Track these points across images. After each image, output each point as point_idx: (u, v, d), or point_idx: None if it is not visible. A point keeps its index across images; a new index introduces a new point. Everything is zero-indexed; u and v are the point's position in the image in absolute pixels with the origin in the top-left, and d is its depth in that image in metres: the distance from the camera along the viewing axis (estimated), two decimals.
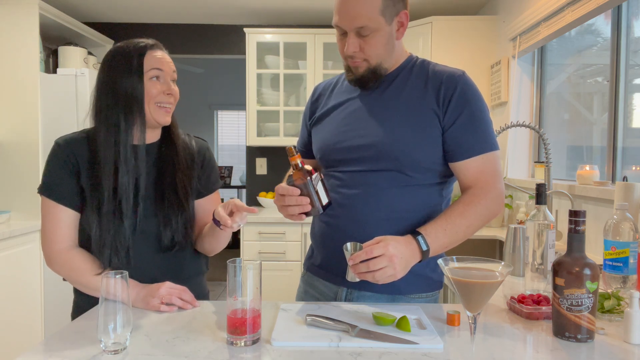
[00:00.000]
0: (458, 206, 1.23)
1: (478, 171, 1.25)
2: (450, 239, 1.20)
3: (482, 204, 1.23)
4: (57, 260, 1.28)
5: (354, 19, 1.21)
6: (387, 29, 1.25)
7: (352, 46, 1.24)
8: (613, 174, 2.19)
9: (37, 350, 0.95)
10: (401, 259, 1.11)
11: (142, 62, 1.28)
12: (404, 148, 1.24)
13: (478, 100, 1.26)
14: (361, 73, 1.29)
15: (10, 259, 2.70)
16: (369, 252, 1.09)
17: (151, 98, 1.29)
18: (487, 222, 1.25)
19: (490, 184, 1.25)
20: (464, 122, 1.24)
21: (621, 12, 2.15)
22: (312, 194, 1.16)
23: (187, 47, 4.23)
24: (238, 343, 0.96)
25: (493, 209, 1.25)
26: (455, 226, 1.20)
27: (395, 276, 1.11)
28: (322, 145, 1.37)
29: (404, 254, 1.12)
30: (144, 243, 1.30)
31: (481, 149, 1.24)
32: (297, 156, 1.17)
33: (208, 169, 1.46)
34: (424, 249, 1.16)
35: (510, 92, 3.09)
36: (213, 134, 7.74)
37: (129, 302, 0.96)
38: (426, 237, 1.16)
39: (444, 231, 1.19)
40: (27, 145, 3.01)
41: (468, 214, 1.21)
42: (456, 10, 3.79)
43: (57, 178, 1.29)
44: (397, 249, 1.10)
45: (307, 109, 1.50)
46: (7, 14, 2.99)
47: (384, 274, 1.09)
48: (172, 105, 1.35)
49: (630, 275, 1.34)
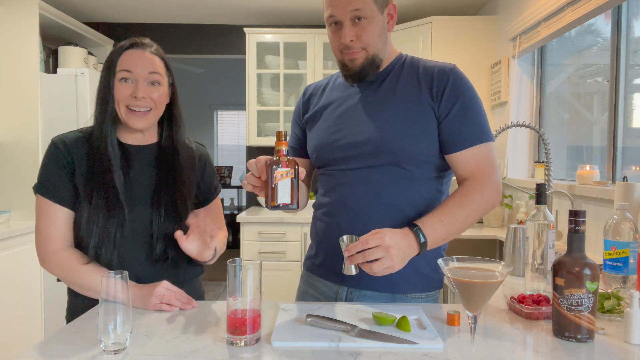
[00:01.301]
0: (455, 197, 1.22)
1: (474, 162, 1.25)
2: (448, 230, 1.19)
3: (479, 195, 1.22)
4: (52, 260, 1.26)
5: (349, 3, 1.22)
6: (380, 18, 1.26)
7: (348, 35, 1.24)
8: (613, 174, 2.19)
9: (37, 350, 0.95)
10: (398, 250, 1.09)
11: (117, 61, 1.28)
12: (401, 142, 1.24)
13: (470, 92, 1.26)
14: (359, 64, 1.27)
15: (10, 259, 2.70)
16: (364, 243, 1.07)
17: (120, 100, 1.27)
18: (484, 213, 1.25)
19: (487, 175, 1.24)
20: (458, 114, 1.24)
21: (621, 12, 2.15)
22: (268, 185, 1.07)
23: (187, 47, 4.22)
24: (238, 343, 0.96)
25: (491, 200, 1.24)
26: (452, 217, 1.19)
27: (393, 268, 1.09)
28: (317, 144, 1.37)
29: (401, 245, 1.10)
30: (134, 249, 1.29)
31: (476, 140, 1.24)
32: (283, 143, 1.07)
33: (209, 177, 1.45)
34: (421, 241, 1.14)
35: (510, 92, 3.09)
36: (213, 134, 7.74)
37: (129, 303, 0.96)
38: (423, 228, 1.15)
39: (441, 222, 1.18)
40: (27, 145, 3.01)
41: (466, 204, 1.20)
42: (456, 10, 3.79)
43: (53, 177, 1.28)
44: (394, 240, 1.09)
45: (298, 108, 1.49)
46: (7, 14, 2.99)
47: (382, 265, 1.07)
48: (148, 109, 1.29)
49: (630, 275, 1.34)
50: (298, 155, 1.48)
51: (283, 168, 1.06)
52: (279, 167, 1.06)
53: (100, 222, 1.24)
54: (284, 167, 1.06)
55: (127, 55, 1.28)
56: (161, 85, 1.31)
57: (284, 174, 1.06)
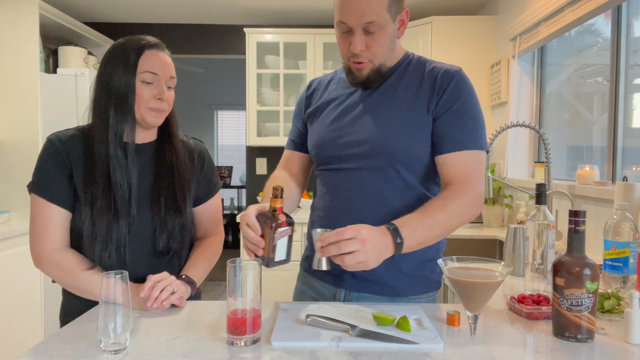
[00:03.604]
0: (438, 200, 1.19)
1: (460, 167, 1.21)
2: (427, 234, 1.14)
3: (462, 200, 1.18)
4: (48, 260, 1.24)
5: (363, 14, 1.17)
6: (392, 27, 1.23)
7: (359, 44, 1.21)
8: (613, 174, 2.19)
9: (37, 350, 0.95)
10: (374, 246, 1.04)
11: (138, 61, 1.25)
12: (398, 144, 1.23)
13: (471, 97, 1.25)
14: (365, 75, 1.26)
15: (10, 259, 2.70)
16: (339, 234, 1.02)
17: (142, 101, 1.26)
18: (465, 221, 1.21)
19: (472, 182, 1.21)
20: (454, 115, 1.22)
21: (621, 12, 2.15)
22: (269, 243, 1.08)
23: (187, 47, 4.23)
24: (238, 343, 0.96)
25: (472, 208, 1.21)
26: (433, 220, 1.14)
27: (366, 264, 1.03)
28: (317, 141, 1.36)
29: (378, 242, 1.05)
30: (138, 245, 1.28)
31: (467, 145, 1.22)
32: (279, 200, 1.08)
33: (208, 172, 1.44)
34: (397, 242, 1.09)
35: (510, 92, 3.09)
36: (213, 134, 7.74)
37: (129, 303, 0.96)
38: (401, 229, 1.10)
39: (420, 225, 1.13)
40: (27, 145, 3.01)
41: (447, 209, 1.16)
42: (456, 10, 3.79)
43: (49, 176, 1.25)
44: (371, 235, 1.04)
45: (300, 101, 1.47)
46: (7, 14, 2.99)
47: (355, 259, 1.02)
48: (165, 110, 1.30)
49: (630, 275, 1.33)
50: (297, 149, 1.46)
51: (282, 227, 1.08)
52: (280, 227, 1.08)
53: (106, 224, 1.23)
54: (283, 227, 1.09)
55: (150, 56, 1.26)
56: (173, 87, 1.33)
57: (283, 232, 1.09)
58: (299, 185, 1.44)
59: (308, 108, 1.43)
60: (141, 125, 1.30)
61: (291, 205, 1.35)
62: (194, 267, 1.34)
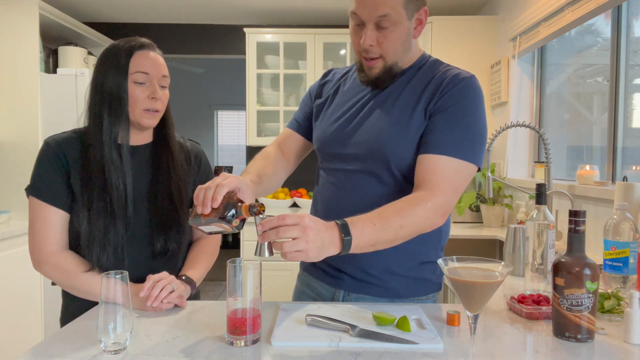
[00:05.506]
0: (397, 204, 1.11)
1: (436, 171, 1.14)
2: (379, 236, 1.06)
3: (423, 208, 1.10)
4: (47, 262, 1.24)
5: (377, 7, 1.14)
6: (407, 24, 1.19)
7: (369, 38, 1.17)
8: (613, 174, 2.19)
9: (37, 350, 0.95)
10: (316, 235, 0.96)
11: (129, 62, 1.26)
12: (393, 149, 1.21)
13: (472, 105, 1.18)
14: (376, 74, 1.23)
15: (10, 259, 2.70)
16: (280, 219, 0.96)
17: (137, 103, 1.26)
18: (423, 230, 1.13)
19: (441, 191, 1.12)
20: (444, 116, 1.17)
21: (621, 12, 2.15)
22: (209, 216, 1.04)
23: (187, 47, 4.23)
24: (238, 343, 0.96)
25: (433, 217, 1.12)
26: (387, 223, 1.06)
27: (306, 254, 0.96)
28: (320, 135, 1.35)
29: (322, 233, 0.98)
30: (136, 247, 1.29)
31: (449, 151, 1.14)
32: (249, 215, 1.04)
33: (205, 174, 1.45)
34: (345, 238, 1.01)
35: (510, 92, 3.09)
36: (213, 134, 7.73)
37: (128, 303, 0.96)
38: (351, 226, 1.02)
39: (372, 225, 1.05)
40: (27, 145, 3.01)
41: (405, 214, 1.08)
42: (456, 10, 3.79)
43: (46, 178, 1.26)
44: (315, 224, 0.98)
45: (313, 87, 1.46)
46: (7, 14, 2.99)
47: (295, 246, 0.94)
48: (160, 109, 1.31)
49: (630, 275, 1.33)
50: (297, 130, 1.44)
51: (225, 222, 1.04)
52: (224, 221, 1.03)
53: (103, 225, 1.23)
54: (226, 223, 1.04)
55: (140, 57, 1.27)
56: (167, 86, 1.33)
57: (219, 224, 1.05)
58: (286, 168, 1.41)
59: (318, 98, 1.42)
60: (136, 127, 1.31)
61: (268, 189, 1.31)
62: (192, 268, 1.35)
